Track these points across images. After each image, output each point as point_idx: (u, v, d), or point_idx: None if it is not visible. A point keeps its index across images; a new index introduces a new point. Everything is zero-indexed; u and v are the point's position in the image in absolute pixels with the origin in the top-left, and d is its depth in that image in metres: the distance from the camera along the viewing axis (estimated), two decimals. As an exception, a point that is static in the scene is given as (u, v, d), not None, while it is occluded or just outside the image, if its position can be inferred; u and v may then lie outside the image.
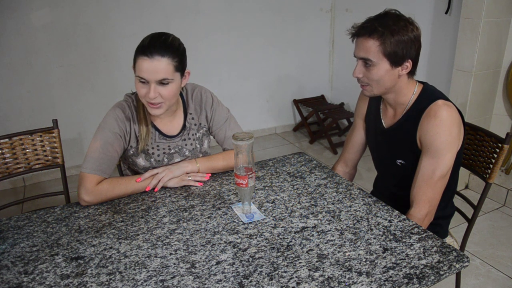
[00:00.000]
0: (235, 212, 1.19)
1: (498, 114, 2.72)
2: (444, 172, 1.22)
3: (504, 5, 2.40)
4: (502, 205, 2.60)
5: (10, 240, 1.09)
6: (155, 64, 1.21)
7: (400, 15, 1.21)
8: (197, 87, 1.48)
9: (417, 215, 1.24)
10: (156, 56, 1.21)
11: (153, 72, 1.22)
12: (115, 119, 1.33)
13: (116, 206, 1.26)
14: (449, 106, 1.21)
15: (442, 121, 1.19)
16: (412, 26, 1.20)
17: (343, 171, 1.59)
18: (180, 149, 1.44)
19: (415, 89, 1.30)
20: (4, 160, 1.52)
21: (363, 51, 1.22)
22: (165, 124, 1.42)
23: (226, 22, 3.41)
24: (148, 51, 1.21)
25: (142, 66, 1.21)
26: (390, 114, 1.37)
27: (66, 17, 2.84)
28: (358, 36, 1.23)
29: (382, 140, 1.42)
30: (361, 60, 1.25)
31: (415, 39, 1.20)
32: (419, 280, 0.89)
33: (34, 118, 2.92)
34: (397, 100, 1.31)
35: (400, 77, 1.25)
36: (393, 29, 1.17)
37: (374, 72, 1.22)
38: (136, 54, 1.24)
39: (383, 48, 1.18)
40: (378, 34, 1.18)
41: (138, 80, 1.25)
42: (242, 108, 3.71)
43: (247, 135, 1.10)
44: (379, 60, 1.20)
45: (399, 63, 1.21)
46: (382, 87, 1.26)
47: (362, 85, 1.30)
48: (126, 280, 0.93)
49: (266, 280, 0.91)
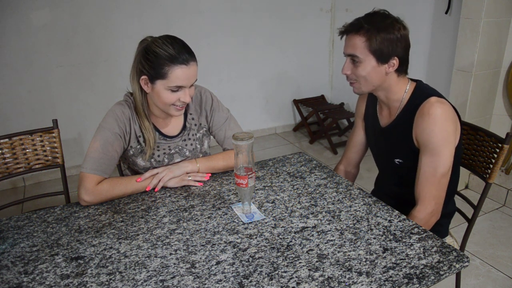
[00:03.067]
0: (235, 212, 1.19)
1: (498, 114, 2.72)
2: (446, 168, 1.23)
3: (504, 5, 2.40)
4: (502, 205, 2.60)
5: (10, 240, 1.09)
6: (192, 70, 1.26)
7: (388, 14, 1.24)
8: (197, 87, 1.48)
9: (423, 212, 1.24)
10: (191, 62, 1.25)
11: (192, 78, 1.27)
12: (115, 119, 1.33)
13: (116, 206, 1.26)
14: (442, 103, 1.22)
15: (436, 118, 1.20)
16: (399, 25, 1.22)
17: (346, 170, 1.60)
18: (181, 150, 1.44)
19: (407, 87, 1.30)
20: (4, 160, 1.52)
21: (350, 48, 1.25)
22: (165, 124, 1.42)
23: (226, 22, 3.41)
24: (185, 59, 1.23)
25: (180, 75, 1.23)
26: (386, 113, 1.38)
27: (66, 17, 2.84)
28: (347, 33, 1.26)
29: (380, 139, 1.43)
30: (349, 57, 1.27)
31: (401, 38, 1.22)
32: (419, 280, 0.89)
33: (34, 118, 2.92)
34: (389, 98, 1.32)
35: (388, 74, 1.26)
36: (379, 26, 1.20)
37: (361, 68, 1.24)
38: (166, 65, 1.22)
39: (369, 44, 1.21)
40: (364, 30, 1.21)
41: (169, 89, 1.25)
42: (242, 108, 3.71)
43: (247, 135, 1.10)
44: (366, 57, 1.22)
45: (385, 60, 1.23)
46: (369, 84, 1.28)
47: (350, 82, 1.32)
48: (126, 280, 0.93)
49: (266, 280, 0.91)
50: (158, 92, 1.27)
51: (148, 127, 1.35)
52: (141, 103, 1.34)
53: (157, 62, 1.22)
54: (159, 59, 1.22)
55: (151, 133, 1.36)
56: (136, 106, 1.35)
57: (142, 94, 1.33)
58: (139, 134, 1.37)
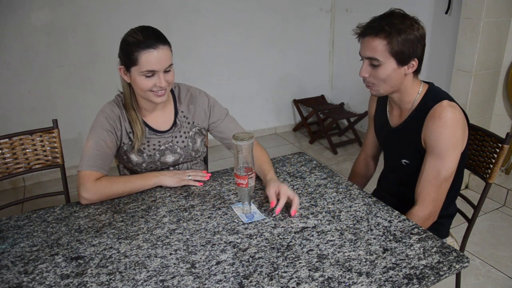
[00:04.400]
0: (235, 212, 1.19)
1: (498, 114, 2.72)
2: (449, 173, 1.22)
3: (504, 5, 2.40)
4: (502, 205, 2.60)
5: (10, 240, 1.09)
6: (161, 53, 1.25)
7: (406, 14, 1.22)
8: (191, 87, 1.51)
9: (420, 213, 1.24)
10: (160, 46, 1.25)
11: (162, 62, 1.26)
12: (105, 117, 1.36)
13: (116, 206, 1.26)
14: (454, 107, 1.21)
15: (446, 122, 1.19)
16: (418, 25, 1.20)
17: (365, 161, 1.65)
18: (172, 146, 1.45)
19: (420, 89, 1.30)
20: (4, 160, 1.52)
21: (369, 51, 1.22)
22: (154, 119, 1.43)
23: (226, 22, 3.41)
24: (151, 43, 1.24)
25: (150, 59, 1.24)
26: (396, 113, 1.38)
27: (66, 17, 2.84)
28: (364, 35, 1.22)
29: (389, 139, 1.43)
30: (367, 60, 1.24)
31: (420, 38, 1.21)
32: (419, 280, 0.89)
33: (34, 118, 2.92)
34: (402, 99, 1.31)
35: (406, 76, 1.25)
36: (399, 28, 1.17)
37: (380, 71, 1.22)
38: (135, 51, 1.24)
39: (390, 47, 1.18)
40: (385, 33, 1.18)
41: (143, 75, 1.27)
42: (242, 108, 3.71)
43: (247, 135, 1.10)
44: (386, 59, 1.20)
45: (405, 62, 1.21)
46: (388, 87, 1.26)
47: (367, 85, 1.29)
48: (126, 280, 0.93)
49: (266, 280, 0.91)
50: (134, 80, 1.29)
51: (135, 119, 1.37)
52: (129, 96, 1.37)
53: (128, 50, 1.26)
54: (129, 46, 1.25)
55: (139, 125, 1.38)
56: (125, 100, 1.38)
57: (129, 87, 1.36)
58: (129, 131, 1.39)
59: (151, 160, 1.43)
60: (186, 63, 3.31)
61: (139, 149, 1.41)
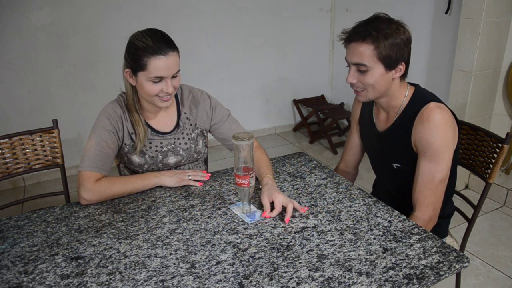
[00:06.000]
0: (234, 213, 1.19)
1: (498, 114, 2.72)
2: (444, 175, 1.22)
3: (504, 5, 2.40)
4: (502, 205, 2.60)
5: (10, 240, 1.09)
6: (170, 60, 1.25)
7: (391, 18, 1.21)
8: (194, 89, 1.50)
9: (420, 219, 1.24)
10: (170, 52, 1.25)
11: (171, 68, 1.26)
12: (107, 118, 1.35)
13: (116, 206, 1.26)
14: (441, 108, 1.20)
15: (436, 124, 1.18)
16: (403, 29, 1.19)
17: (345, 171, 1.60)
18: (174, 148, 1.44)
19: (406, 92, 1.29)
20: (4, 160, 1.52)
21: (356, 56, 1.20)
22: (157, 121, 1.43)
23: (226, 22, 3.41)
24: (161, 50, 1.23)
25: (159, 66, 1.23)
26: (383, 117, 1.37)
27: (66, 17, 2.84)
28: (351, 41, 1.21)
29: (377, 144, 1.42)
30: (354, 66, 1.23)
31: (407, 41, 1.20)
32: (419, 280, 0.89)
33: (34, 118, 2.92)
34: (389, 103, 1.31)
35: (394, 80, 1.24)
36: (386, 32, 1.16)
37: (368, 77, 1.21)
38: (144, 56, 1.23)
39: (378, 52, 1.17)
40: (372, 38, 1.16)
41: (150, 81, 1.26)
42: (242, 108, 3.71)
43: (247, 135, 1.10)
44: (374, 65, 1.19)
45: (393, 67, 1.21)
46: (377, 92, 1.25)
47: (356, 90, 1.28)
48: (126, 280, 0.93)
49: (266, 280, 0.91)
50: (141, 84, 1.28)
51: (138, 120, 1.37)
52: (132, 97, 1.36)
53: (137, 54, 1.24)
54: (138, 51, 1.24)
55: (141, 127, 1.37)
56: (128, 101, 1.37)
57: (133, 88, 1.36)
58: (131, 131, 1.39)
59: (153, 162, 1.43)
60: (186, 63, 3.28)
61: (141, 150, 1.40)
